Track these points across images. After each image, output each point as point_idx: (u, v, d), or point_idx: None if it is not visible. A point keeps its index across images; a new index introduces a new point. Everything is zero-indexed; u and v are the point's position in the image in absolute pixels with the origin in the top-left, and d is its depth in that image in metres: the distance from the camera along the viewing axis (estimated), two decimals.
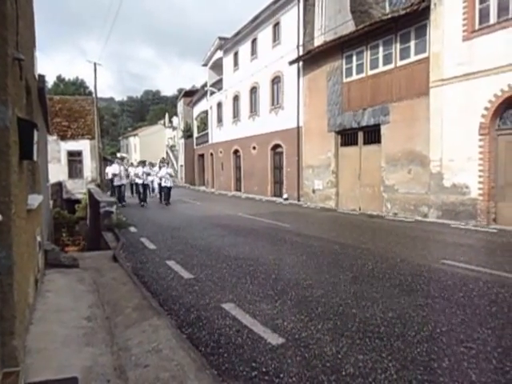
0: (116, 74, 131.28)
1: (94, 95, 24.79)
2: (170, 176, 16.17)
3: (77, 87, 53.45)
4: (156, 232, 8.96)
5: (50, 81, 54.17)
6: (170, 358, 2.78)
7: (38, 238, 4.74)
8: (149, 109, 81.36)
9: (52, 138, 20.92)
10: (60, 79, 55.78)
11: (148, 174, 16.89)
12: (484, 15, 9.01)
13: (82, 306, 3.98)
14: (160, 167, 17.26)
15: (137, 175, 16.52)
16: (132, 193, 18.11)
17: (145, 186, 16.25)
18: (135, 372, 2.65)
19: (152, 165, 18.90)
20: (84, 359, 2.82)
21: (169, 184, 15.96)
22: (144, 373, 2.63)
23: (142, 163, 17.60)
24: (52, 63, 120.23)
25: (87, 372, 2.64)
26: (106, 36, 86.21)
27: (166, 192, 16.08)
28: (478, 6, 9.12)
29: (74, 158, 23.51)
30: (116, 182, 15.58)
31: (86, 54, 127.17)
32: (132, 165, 21.10)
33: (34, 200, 4.11)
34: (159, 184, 16.84)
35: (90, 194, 13.75)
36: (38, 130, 3.40)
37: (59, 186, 21.40)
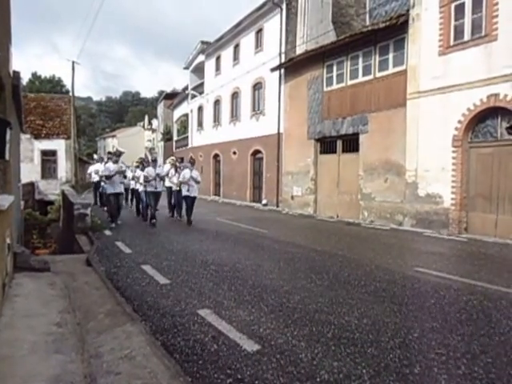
0: (91, 72, 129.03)
1: (70, 94, 24.24)
2: (196, 182, 11.04)
3: (53, 85, 52.07)
4: (132, 236, 8.78)
5: (25, 77, 52.62)
6: (143, 366, 2.72)
7: (8, 240, 4.57)
8: (128, 110, 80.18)
9: (25, 137, 20.27)
10: (35, 76, 54.19)
11: (162, 179, 11.13)
12: (459, 32, 9.37)
13: (52, 312, 3.85)
14: (177, 168, 11.93)
15: (147, 179, 10.66)
16: (137, 203, 13.00)
17: (157, 194, 10.81)
18: (106, 380, 2.57)
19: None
20: (52, 367, 2.72)
21: (193, 194, 10.96)
22: (115, 380, 2.56)
23: (154, 162, 11.42)
24: (24, 58, 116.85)
25: (55, 380, 2.55)
26: (86, 34, 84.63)
27: (188, 204, 10.96)
28: (453, 23, 9.47)
29: (48, 157, 22.86)
30: (110, 190, 10.29)
31: (58, 50, 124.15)
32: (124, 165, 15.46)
33: (5, 200, 3.97)
34: (174, 191, 11.94)
35: (64, 196, 13.33)
36: (11, 128, 3.29)
37: (32, 186, 20.71)
